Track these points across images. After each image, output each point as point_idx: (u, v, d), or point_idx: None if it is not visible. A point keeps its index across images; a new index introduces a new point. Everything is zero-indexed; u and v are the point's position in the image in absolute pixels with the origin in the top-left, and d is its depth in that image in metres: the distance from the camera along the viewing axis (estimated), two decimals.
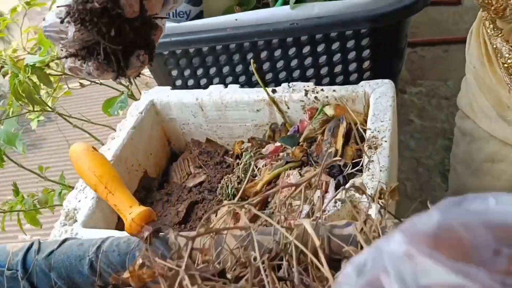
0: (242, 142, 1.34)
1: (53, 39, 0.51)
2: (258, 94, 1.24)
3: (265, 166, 1.18)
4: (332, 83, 1.39)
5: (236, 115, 1.29)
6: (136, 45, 0.51)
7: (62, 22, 0.47)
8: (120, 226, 1.15)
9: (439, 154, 2.57)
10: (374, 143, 1.03)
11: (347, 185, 0.91)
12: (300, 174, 1.08)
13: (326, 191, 1.02)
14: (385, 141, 1.02)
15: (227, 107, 1.27)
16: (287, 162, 1.12)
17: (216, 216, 1.20)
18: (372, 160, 0.99)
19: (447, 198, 0.27)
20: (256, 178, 1.17)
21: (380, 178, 0.94)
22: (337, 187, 1.02)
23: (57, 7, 0.48)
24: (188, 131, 1.37)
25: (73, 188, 1.17)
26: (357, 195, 0.92)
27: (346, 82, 1.39)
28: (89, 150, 0.95)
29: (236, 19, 1.28)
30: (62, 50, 0.51)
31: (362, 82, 1.19)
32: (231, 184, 1.20)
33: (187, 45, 1.34)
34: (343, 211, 0.92)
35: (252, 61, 1.22)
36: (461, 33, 2.04)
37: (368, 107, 1.17)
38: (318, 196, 0.99)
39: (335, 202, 0.94)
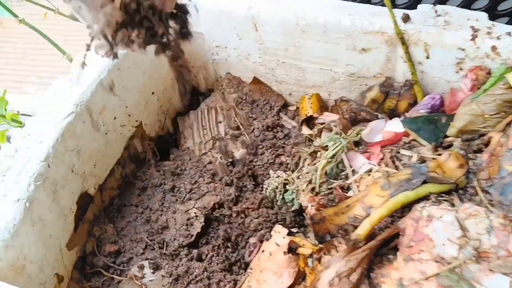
0: (318, 99, 0.74)
1: None
2: (374, 19, 0.63)
3: (369, 172, 0.60)
4: None
5: (320, 49, 0.68)
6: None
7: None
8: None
9: None
10: None
11: None
12: (459, 222, 0.50)
13: None
14: None
15: (305, 32, 0.67)
16: (424, 182, 0.54)
17: (268, 240, 0.65)
18: None
19: None
20: (350, 192, 0.60)
21: None
22: None
23: None
24: (223, 60, 0.77)
25: None
26: None
27: None
28: None
29: None
30: None
31: None
32: (292, 187, 0.63)
33: None
34: None
35: None
36: None
37: None
38: None
39: None
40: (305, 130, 0.74)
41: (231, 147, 0.74)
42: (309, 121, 0.75)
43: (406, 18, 0.63)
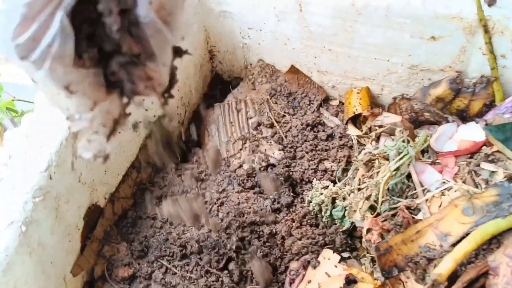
0: (368, 93, 0.63)
1: None
2: (450, 1, 0.52)
3: (445, 190, 0.49)
4: None
5: (378, 35, 0.57)
6: None
7: None
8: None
9: None
10: None
11: None
12: None
13: None
14: None
15: (361, 14, 0.55)
16: None
17: (315, 268, 0.54)
18: None
19: None
20: (419, 214, 0.49)
21: None
22: None
23: None
24: (256, 44, 0.66)
25: None
26: None
27: None
28: None
29: None
30: None
31: None
32: (344, 203, 0.52)
33: None
34: None
35: None
36: None
37: None
38: None
39: None
40: (352, 130, 0.63)
41: (265, 149, 0.63)
42: (356, 119, 0.64)
43: (491, 1, 0.51)
